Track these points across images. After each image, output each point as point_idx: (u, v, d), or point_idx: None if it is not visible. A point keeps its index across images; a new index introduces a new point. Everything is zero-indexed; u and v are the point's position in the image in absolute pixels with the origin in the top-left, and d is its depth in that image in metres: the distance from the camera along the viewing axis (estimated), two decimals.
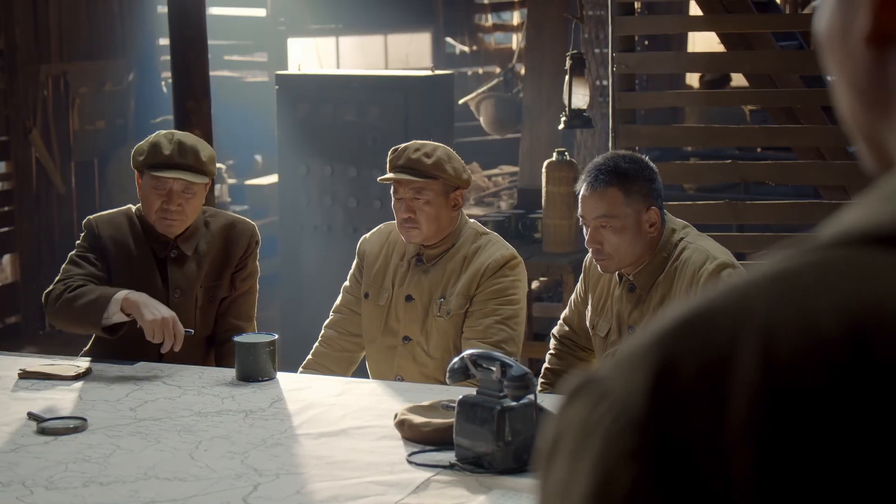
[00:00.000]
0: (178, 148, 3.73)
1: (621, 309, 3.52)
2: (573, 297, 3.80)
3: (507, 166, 9.19)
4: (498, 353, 2.85)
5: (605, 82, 6.79)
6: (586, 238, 3.47)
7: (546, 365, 3.84)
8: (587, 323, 3.65)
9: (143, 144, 3.79)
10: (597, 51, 7.53)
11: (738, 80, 10.29)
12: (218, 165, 8.75)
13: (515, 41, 10.94)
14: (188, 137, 3.82)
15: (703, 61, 5.28)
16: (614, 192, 3.40)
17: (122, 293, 3.58)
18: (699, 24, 5.24)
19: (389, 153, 3.76)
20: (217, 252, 3.85)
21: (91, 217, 3.90)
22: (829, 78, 0.81)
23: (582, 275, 3.72)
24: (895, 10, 0.72)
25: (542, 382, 3.74)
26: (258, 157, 10.49)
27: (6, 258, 8.61)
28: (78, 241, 3.87)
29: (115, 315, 3.57)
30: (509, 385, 2.74)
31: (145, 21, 9.50)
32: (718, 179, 5.05)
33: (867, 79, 0.75)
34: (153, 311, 3.53)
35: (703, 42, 11.21)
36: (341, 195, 6.99)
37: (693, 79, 10.00)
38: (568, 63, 5.53)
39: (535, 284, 6.53)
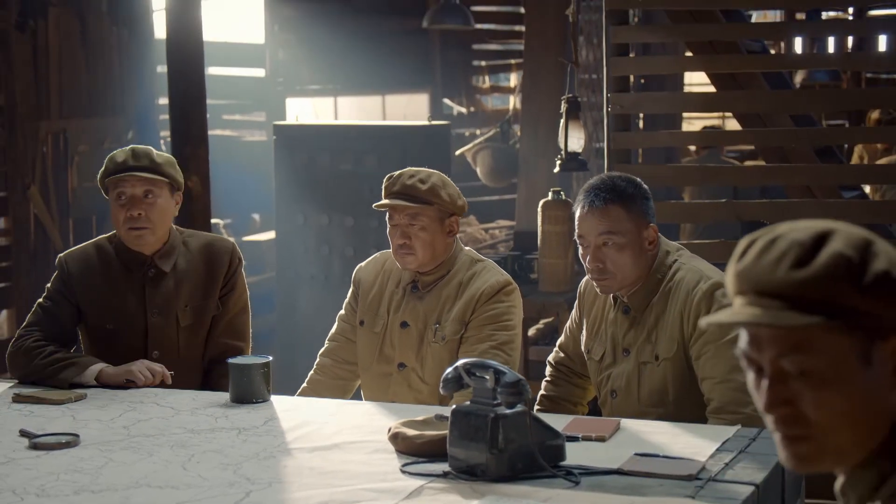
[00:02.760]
0: (132, 153, 3.75)
1: (616, 332, 3.51)
2: (568, 323, 3.80)
3: (503, 220, 9.23)
4: (491, 361, 2.84)
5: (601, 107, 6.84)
6: (587, 259, 3.46)
7: (542, 392, 3.82)
8: (582, 347, 3.65)
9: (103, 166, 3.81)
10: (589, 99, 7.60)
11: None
12: (215, 222, 8.80)
13: (512, 102, 11.02)
14: (143, 147, 3.82)
15: (698, 102, 5.33)
16: (616, 208, 3.40)
17: (97, 368, 3.62)
18: (692, 64, 5.29)
19: (385, 180, 3.78)
20: (198, 271, 3.83)
21: (61, 255, 3.90)
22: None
23: (577, 300, 3.72)
24: None
25: (537, 410, 3.72)
26: (256, 216, 10.52)
27: (3, 314, 8.60)
28: (49, 284, 3.86)
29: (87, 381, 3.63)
30: (503, 391, 2.73)
31: (144, 80, 9.58)
32: (713, 218, 5.07)
33: None
34: (127, 372, 3.60)
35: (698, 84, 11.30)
36: (338, 244, 7.01)
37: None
38: (563, 106, 5.58)
39: (531, 332, 6.53)
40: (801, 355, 1.42)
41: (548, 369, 3.85)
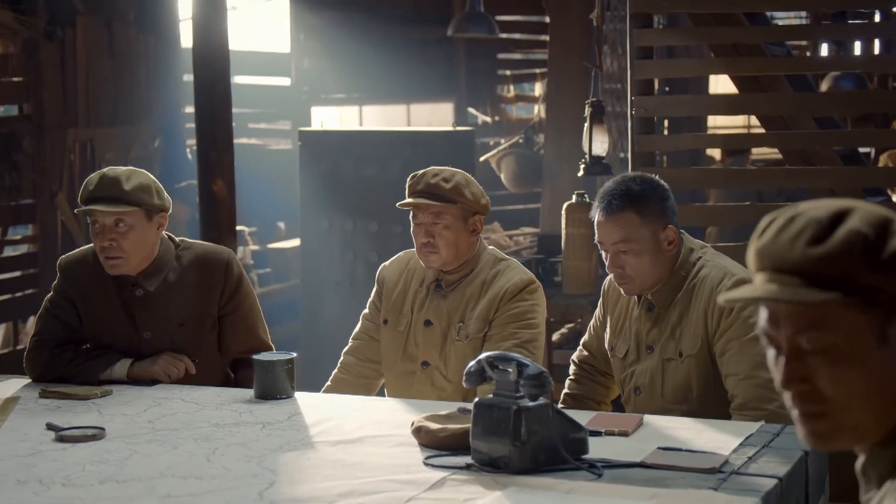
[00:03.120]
0: (99, 181, 3.60)
1: (640, 329, 3.51)
2: (592, 321, 3.80)
3: (528, 228, 9.23)
4: (514, 354, 2.85)
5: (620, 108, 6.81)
6: (607, 263, 3.47)
7: (566, 390, 3.83)
8: (606, 345, 3.65)
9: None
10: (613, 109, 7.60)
11: (758, 149, 10.33)
12: (240, 229, 8.83)
13: (537, 111, 11.03)
14: (116, 170, 3.65)
15: (722, 104, 5.33)
16: (629, 215, 3.39)
17: (126, 364, 3.65)
18: (715, 67, 5.30)
19: (409, 179, 3.80)
20: (190, 287, 3.72)
21: (63, 258, 3.84)
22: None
23: (601, 298, 3.72)
24: None
25: (561, 408, 3.72)
26: (281, 224, 10.56)
27: (29, 320, 8.66)
28: (54, 284, 3.83)
29: (117, 377, 3.66)
30: (526, 384, 2.74)
31: (171, 89, 9.64)
32: (737, 220, 5.06)
33: None
34: (154, 369, 3.65)
35: (725, 118, 11.28)
36: (363, 250, 7.03)
37: (715, 150, 10.06)
38: (588, 110, 5.59)
39: (555, 336, 6.53)
40: (817, 332, 1.42)
41: (572, 368, 3.86)
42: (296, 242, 8.62)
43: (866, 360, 1.41)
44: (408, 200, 3.74)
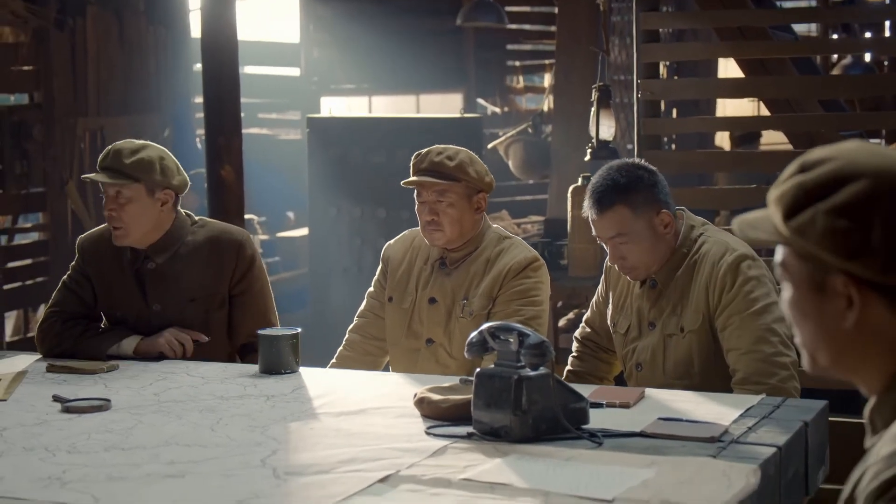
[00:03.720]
0: (108, 152, 3.71)
1: (641, 305, 3.53)
2: (594, 298, 3.82)
3: (536, 216, 9.25)
4: (516, 324, 2.87)
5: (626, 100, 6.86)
6: (608, 256, 3.50)
7: (568, 367, 3.85)
8: (608, 321, 3.67)
9: None
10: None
11: (768, 137, 10.34)
12: (249, 217, 8.85)
13: (547, 103, 11.04)
14: (128, 143, 3.74)
15: (728, 87, 5.34)
16: (621, 209, 3.41)
17: (134, 340, 3.69)
18: (721, 51, 5.31)
19: (413, 157, 3.82)
20: (202, 264, 3.77)
21: (81, 237, 3.93)
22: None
23: (603, 275, 3.74)
24: None
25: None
26: (290, 214, 10.59)
27: (40, 309, 8.70)
28: (72, 263, 3.90)
29: (125, 353, 3.70)
30: (527, 353, 2.76)
31: (181, 79, 9.68)
32: (743, 204, 5.07)
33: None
34: (159, 342, 3.68)
35: (734, 107, 11.29)
36: (371, 236, 7.06)
37: (723, 138, 10.06)
38: (595, 95, 5.60)
39: (562, 322, 6.55)
40: (785, 274, 1.57)
41: (574, 344, 3.88)
42: (305, 231, 8.65)
43: (805, 306, 1.54)
44: (412, 178, 3.77)
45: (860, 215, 1.46)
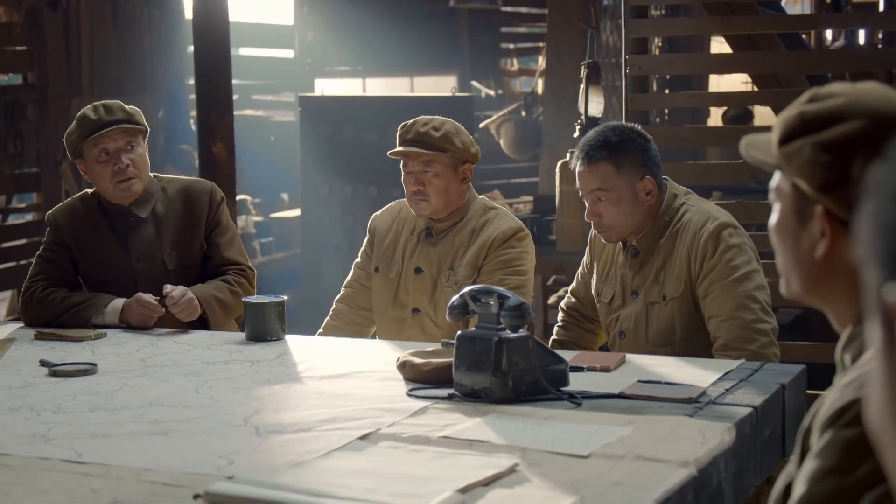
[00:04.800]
0: (105, 109, 3.78)
1: (625, 274, 3.56)
2: (580, 269, 3.85)
3: (527, 196, 9.27)
4: (496, 287, 2.90)
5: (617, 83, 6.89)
6: (586, 211, 3.53)
7: (553, 337, 3.88)
8: (592, 290, 3.70)
9: (71, 130, 3.81)
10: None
11: (760, 119, 10.36)
12: (243, 197, 8.87)
13: (541, 85, 11.06)
14: (110, 101, 3.84)
15: (715, 63, 5.36)
16: (605, 165, 3.45)
17: (117, 306, 3.72)
18: (709, 26, 5.33)
19: (399, 128, 3.85)
20: (178, 215, 3.89)
21: (50, 212, 3.97)
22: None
23: (588, 246, 3.77)
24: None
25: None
26: (285, 196, 10.61)
27: None
28: (44, 239, 3.95)
29: (109, 320, 3.73)
30: (506, 315, 2.79)
31: (175, 60, 9.69)
32: (732, 180, 5.11)
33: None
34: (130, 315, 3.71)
35: (728, 87, 11.30)
36: (362, 215, 7.07)
37: (717, 121, 10.09)
38: (584, 72, 5.62)
39: (552, 299, 6.58)
40: (776, 197, 1.65)
41: (559, 315, 3.91)
42: (298, 212, 8.68)
43: (786, 231, 1.62)
44: (398, 149, 3.80)
45: (843, 153, 1.53)
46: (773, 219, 1.64)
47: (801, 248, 1.59)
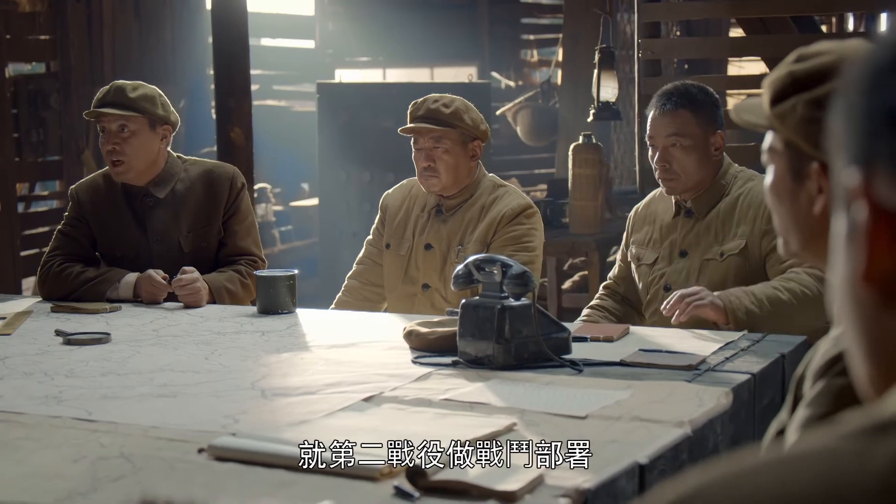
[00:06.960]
0: (108, 89, 3.83)
1: (676, 235, 3.62)
2: (619, 255, 3.89)
3: (545, 186, 9.31)
4: (499, 256, 2.95)
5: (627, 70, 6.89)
6: (655, 159, 3.58)
7: (591, 303, 3.85)
8: (630, 258, 3.74)
9: None
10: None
11: None
12: (261, 186, 8.91)
13: (560, 76, 11.09)
14: (125, 81, 3.87)
15: (727, 46, 5.39)
16: (685, 113, 3.56)
17: (130, 281, 3.76)
18: (722, 10, 5.36)
19: (410, 106, 3.90)
20: (198, 198, 3.91)
21: (73, 186, 4.03)
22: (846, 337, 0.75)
23: (626, 230, 3.79)
24: (884, 247, 0.71)
25: (583, 319, 3.73)
26: (305, 185, 10.67)
27: None
28: (65, 213, 4.02)
29: (123, 294, 3.78)
30: (509, 283, 2.84)
31: (196, 50, 9.76)
32: (747, 163, 5.12)
33: (875, 329, 0.72)
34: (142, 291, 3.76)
35: (749, 71, 11.30)
36: (379, 201, 7.13)
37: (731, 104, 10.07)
38: (597, 57, 5.66)
39: (567, 284, 6.62)
40: (770, 158, 1.69)
41: (600, 290, 3.90)
42: (317, 201, 8.74)
43: (783, 191, 1.64)
44: (409, 125, 3.85)
45: None
46: (769, 179, 1.67)
47: (798, 207, 1.62)
